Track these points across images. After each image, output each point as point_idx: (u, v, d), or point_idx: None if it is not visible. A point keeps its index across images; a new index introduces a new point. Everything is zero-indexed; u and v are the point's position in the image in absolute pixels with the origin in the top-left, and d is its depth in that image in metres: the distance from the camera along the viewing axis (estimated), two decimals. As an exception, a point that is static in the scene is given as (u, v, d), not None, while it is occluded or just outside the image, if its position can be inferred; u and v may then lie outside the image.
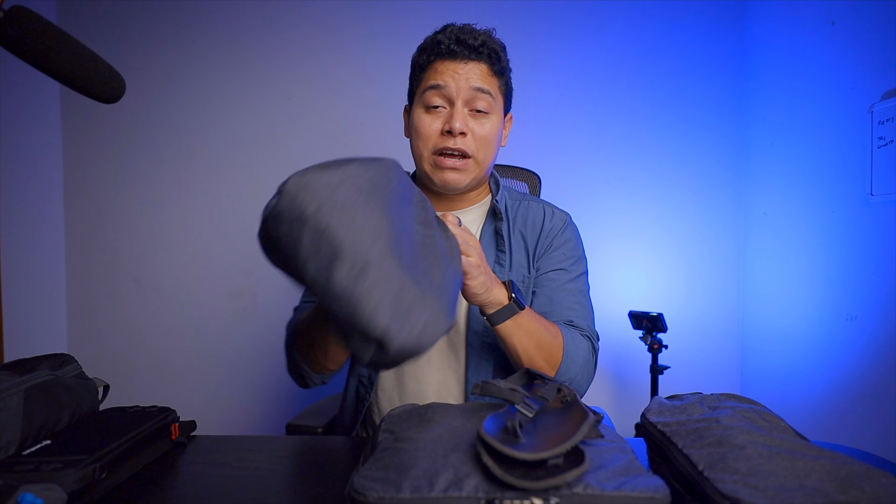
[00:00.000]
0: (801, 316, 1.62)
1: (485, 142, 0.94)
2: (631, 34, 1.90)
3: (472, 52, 0.92)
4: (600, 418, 0.59)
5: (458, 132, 0.91)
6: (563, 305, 0.96)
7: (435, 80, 0.93)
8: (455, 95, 0.92)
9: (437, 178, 0.95)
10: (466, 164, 0.94)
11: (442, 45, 0.93)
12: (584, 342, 0.91)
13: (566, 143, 1.92)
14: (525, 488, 0.44)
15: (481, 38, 0.93)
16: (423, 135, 0.94)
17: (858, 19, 1.41)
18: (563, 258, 1.00)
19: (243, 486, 0.65)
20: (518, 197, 1.07)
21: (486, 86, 0.93)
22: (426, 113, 0.94)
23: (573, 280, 0.99)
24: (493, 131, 0.95)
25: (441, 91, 0.92)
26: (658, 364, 1.67)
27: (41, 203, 1.90)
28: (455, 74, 0.92)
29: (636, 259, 1.91)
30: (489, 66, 0.94)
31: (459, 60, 0.92)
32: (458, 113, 0.92)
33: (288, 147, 1.94)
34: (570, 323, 0.95)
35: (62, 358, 0.81)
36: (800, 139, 1.63)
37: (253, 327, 1.95)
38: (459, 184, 0.95)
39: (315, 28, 1.92)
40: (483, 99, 0.93)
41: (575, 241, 1.04)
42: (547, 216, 1.03)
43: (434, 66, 0.94)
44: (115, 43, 1.92)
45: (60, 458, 0.60)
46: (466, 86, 0.92)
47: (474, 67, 0.92)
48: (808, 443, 0.54)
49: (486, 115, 0.94)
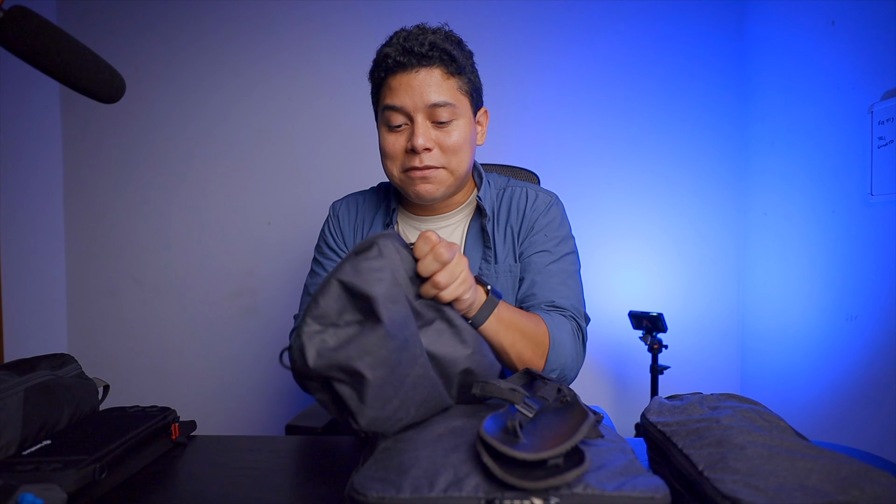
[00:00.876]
0: (801, 316, 1.62)
1: (454, 150, 0.91)
2: (631, 34, 1.90)
3: (421, 59, 0.87)
4: (600, 418, 0.59)
5: (421, 149, 0.88)
6: (545, 287, 0.94)
7: (391, 99, 0.89)
8: (413, 112, 0.89)
9: (410, 192, 0.94)
10: (437, 173, 0.91)
11: (389, 58, 0.88)
12: (566, 324, 0.88)
13: (566, 142, 1.92)
14: (525, 488, 0.44)
15: (429, 41, 0.88)
16: (390, 155, 0.92)
17: (858, 19, 1.41)
18: (546, 240, 0.98)
19: (243, 486, 0.65)
20: (502, 184, 1.04)
21: (443, 96, 0.88)
22: (389, 132, 0.92)
23: (557, 261, 0.97)
24: (462, 137, 0.91)
25: (398, 111, 0.89)
26: (658, 364, 1.67)
27: (41, 203, 1.90)
28: (409, 89, 0.88)
29: (636, 259, 1.91)
30: (444, 69, 0.89)
31: (410, 71, 0.88)
32: (420, 129, 0.88)
33: (288, 147, 1.94)
34: (551, 304, 0.92)
35: (62, 358, 0.81)
36: (800, 139, 1.63)
37: (253, 327, 1.95)
38: (435, 194, 0.93)
39: (315, 28, 1.92)
40: (442, 111, 0.89)
41: (560, 221, 1.01)
42: (529, 199, 1.01)
43: (387, 82, 0.90)
44: (115, 43, 1.93)
45: (60, 458, 0.61)
46: (423, 102, 0.88)
47: (427, 75, 0.88)
48: (808, 443, 0.54)
49: (449, 123, 0.90)
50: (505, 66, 1.88)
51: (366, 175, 1.91)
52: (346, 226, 1.06)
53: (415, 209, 1.03)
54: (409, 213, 1.03)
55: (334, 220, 1.07)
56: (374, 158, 2.04)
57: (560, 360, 0.85)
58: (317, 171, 1.94)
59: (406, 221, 1.04)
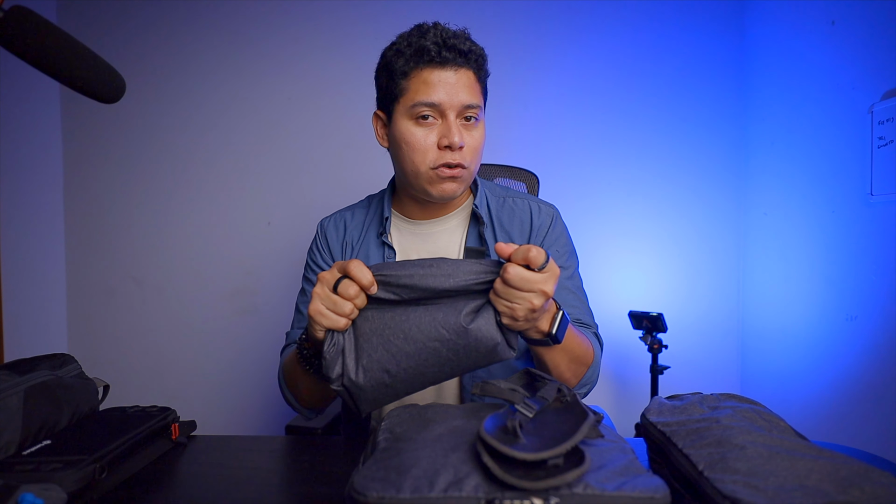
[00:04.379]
0: (801, 316, 1.62)
1: (476, 151, 0.93)
2: (631, 34, 1.90)
3: (461, 57, 0.88)
4: (600, 418, 0.59)
5: (457, 147, 0.89)
6: (566, 304, 0.96)
7: (427, 94, 0.88)
8: (448, 109, 0.88)
9: (436, 190, 0.93)
10: (462, 173, 0.92)
11: (430, 51, 0.87)
12: (596, 343, 0.93)
13: (565, 142, 1.92)
14: (525, 488, 0.44)
15: (468, 44, 0.89)
16: (419, 149, 0.90)
17: (858, 19, 1.41)
18: (558, 256, 0.99)
19: (243, 486, 0.65)
20: (500, 194, 1.05)
21: (475, 99, 0.90)
22: (417, 126, 0.90)
23: (570, 277, 0.99)
24: (483, 139, 0.94)
25: (433, 107, 0.88)
26: (658, 364, 1.67)
27: (41, 203, 1.90)
28: (447, 86, 0.88)
29: (636, 259, 1.91)
30: (474, 72, 0.91)
31: (449, 68, 0.88)
32: (454, 126, 0.88)
33: (288, 147, 1.94)
34: (578, 321, 0.95)
35: (62, 358, 0.81)
36: (800, 139, 1.63)
37: (253, 327, 1.95)
38: (456, 193, 0.94)
39: (315, 28, 1.92)
40: (472, 112, 0.90)
41: (565, 236, 1.03)
42: (534, 213, 1.01)
43: (420, 75, 0.88)
44: (115, 43, 1.92)
45: (60, 458, 0.61)
46: (459, 101, 0.88)
47: (463, 76, 0.89)
48: (808, 443, 0.54)
49: (475, 124, 0.92)
50: (505, 66, 1.88)
51: (366, 175, 1.92)
52: (334, 243, 1.05)
53: (411, 213, 1.02)
54: (405, 218, 1.02)
55: (322, 238, 1.06)
56: (374, 158, 2.02)
57: (593, 377, 0.89)
58: (317, 171, 1.94)
59: (401, 227, 1.03)
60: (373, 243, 1.01)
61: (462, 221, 1.02)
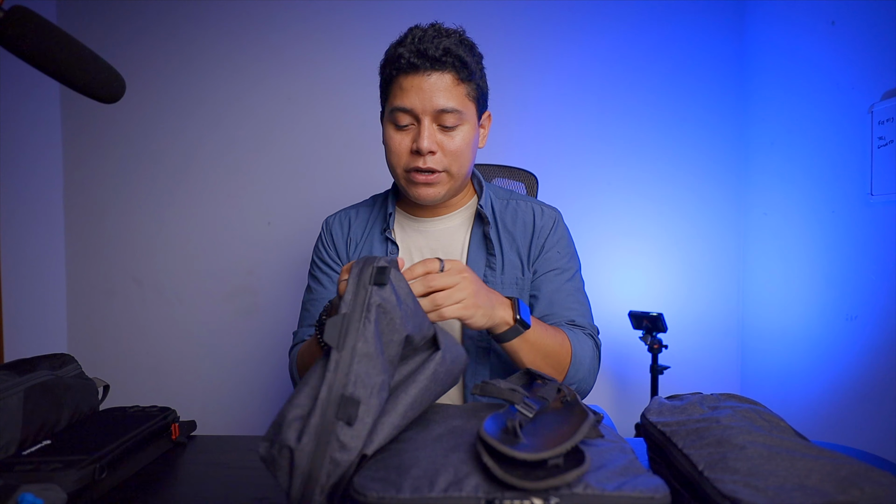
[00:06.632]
0: (801, 316, 1.62)
1: (456, 155, 0.92)
2: (631, 34, 1.90)
3: (434, 63, 0.87)
4: (600, 418, 0.59)
5: (426, 152, 0.89)
6: (563, 306, 0.97)
7: (401, 100, 0.89)
8: (420, 114, 0.89)
9: (412, 193, 0.95)
10: (439, 177, 0.92)
11: (402, 58, 0.88)
12: (588, 342, 0.93)
13: (566, 143, 1.92)
14: (525, 488, 0.44)
15: (444, 46, 0.87)
16: (395, 153, 0.93)
17: (858, 19, 1.41)
18: (559, 258, 1.00)
19: (243, 486, 0.65)
20: (504, 196, 1.06)
21: (452, 103, 0.88)
22: (395, 131, 0.92)
23: (570, 279, 1.00)
24: (465, 142, 0.92)
25: (407, 112, 0.89)
26: (658, 364, 1.67)
27: (41, 203, 1.90)
28: (419, 91, 0.88)
29: (636, 259, 1.91)
30: (455, 75, 0.89)
31: (422, 73, 0.88)
32: (426, 131, 0.89)
33: (288, 147, 1.94)
34: (571, 323, 0.95)
35: (62, 358, 0.81)
36: (800, 139, 1.63)
37: (253, 327, 1.95)
38: (436, 197, 0.94)
39: (315, 28, 1.92)
40: (449, 117, 0.89)
41: (567, 238, 1.04)
42: (537, 216, 1.02)
43: (398, 81, 0.90)
44: (115, 43, 1.92)
45: (60, 458, 0.61)
46: (431, 106, 0.88)
47: (438, 80, 0.88)
48: (808, 443, 0.54)
49: (455, 128, 0.91)
50: (505, 66, 1.88)
51: (366, 175, 1.92)
52: (339, 241, 1.06)
53: (414, 211, 1.03)
54: (409, 215, 1.04)
55: (327, 235, 1.07)
56: (375, 158, 2.03)
57: (578, 375, 0.89)
58: (317, 171, 1.94)
59: (405, 224, 1.04)
60: (376, 239, 1.03)
61: (466, 220, 1.03)
